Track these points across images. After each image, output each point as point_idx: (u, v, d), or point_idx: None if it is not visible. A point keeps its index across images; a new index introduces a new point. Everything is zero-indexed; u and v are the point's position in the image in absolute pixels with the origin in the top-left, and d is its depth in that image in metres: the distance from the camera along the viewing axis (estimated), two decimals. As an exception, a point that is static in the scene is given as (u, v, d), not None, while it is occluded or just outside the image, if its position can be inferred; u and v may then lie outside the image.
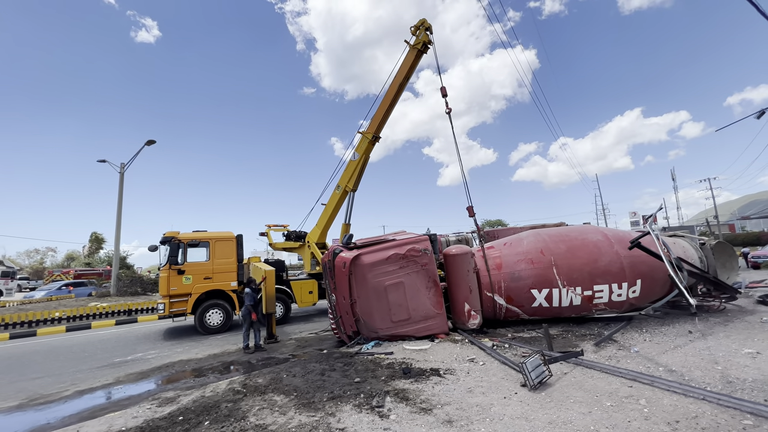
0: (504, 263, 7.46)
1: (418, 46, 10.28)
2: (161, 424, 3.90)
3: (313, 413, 3.92)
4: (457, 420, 3.53)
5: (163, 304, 9.48)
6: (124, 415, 4.31)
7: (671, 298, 6.91)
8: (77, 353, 8.50)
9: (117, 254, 18.04)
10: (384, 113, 11.22)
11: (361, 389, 4.52)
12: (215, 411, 4.15)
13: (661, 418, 3.28)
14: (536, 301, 7.20)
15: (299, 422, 3.71)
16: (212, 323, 9.97)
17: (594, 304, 7.15)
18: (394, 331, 6.76)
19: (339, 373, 5.29)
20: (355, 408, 3.99)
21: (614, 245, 7.31)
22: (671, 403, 3.57)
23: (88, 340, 10.09)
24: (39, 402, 5.43)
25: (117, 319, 12.37)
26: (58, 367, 7.30)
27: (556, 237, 7.58)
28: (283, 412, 4.02)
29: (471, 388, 4.36)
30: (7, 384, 6.37)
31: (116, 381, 6.28)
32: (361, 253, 6.70)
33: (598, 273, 7.07)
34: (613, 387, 4.09)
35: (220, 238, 10.56)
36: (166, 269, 9.65)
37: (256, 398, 4.52)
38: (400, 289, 6.72)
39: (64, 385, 6.17)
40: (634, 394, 3.83)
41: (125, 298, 17.03)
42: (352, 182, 12.02)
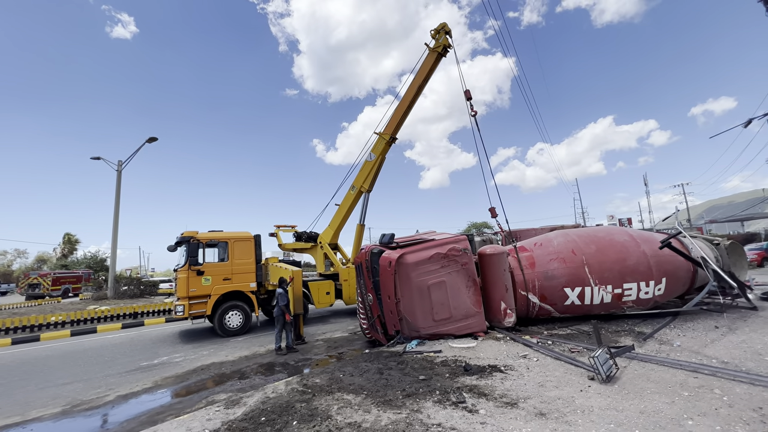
0: (537, 262, 7.66)
1: (438, 49, 10.43)
2: (244, 425, 3.83)
3: (397, 410, 3.93)
4: (549, 413, 3.63)
5: (182, 305, 9.21)
6: (194, 418, 4.19)
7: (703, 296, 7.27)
8: (95, 358, 8.16)
9: (114, 256, 17.26)
10: (402, 115, 11.30)
11: (432, 386, 4.57)
12: (293, 411, 4.10)
13: (744, 405, 3.48)
14: (569, 299, 7.43)
15: (389, 419, 3.72)
16: (232, 325, 9.77)
17: (623, 302, 7.45)
18: (436, 329, 6.83)
19: (397, 371, 5.31)
20: (437, 404, 4.03)
21: (641, 245, 7.64)
22: (744, 391, 3.79)
23: (101, 344, 9.67)
24: (84, 408, 5.21)
25: (123, 323, 11.90)
26: (83, 372, 7.00)
27: (586, 237, 7.85)
28: (366, 410, 4.01)
29: (541, 383, 4.47)
30: (37, 390, 6.06)
31: (156, 385, 6.09)
32: (405, 253, 6.74)
33: (627, 272, 7.37)
34: (678, 378, 4.30)
35: (239, 238, 10.36)
36: (185, 270, 9.39)
37: (327, 398, 4.48)
38: (443, 288, 6.80)
39: (100, 390, 5.93)
40: (705, 384, 4.04)
41: (124, 300, 16.35)
42: (368, 183, 12.04)
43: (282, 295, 7.84)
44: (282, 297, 7.82)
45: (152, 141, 16.75)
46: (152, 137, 16.64)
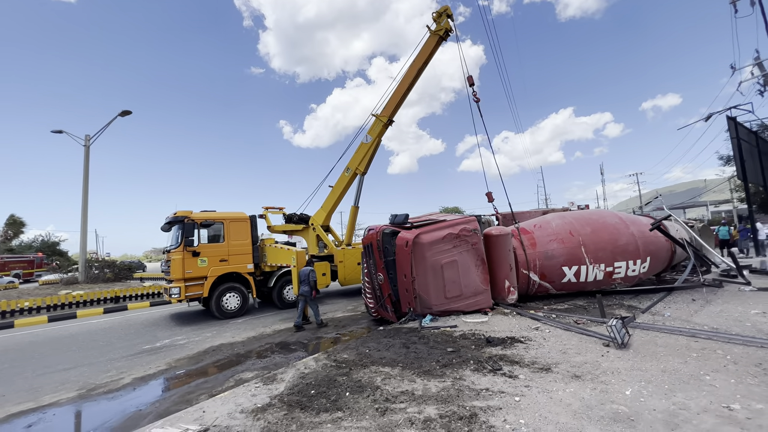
0: (538, 243, 8.10)
1: (440, 32, 10.40)
2: (296, 398, 3.86)
3: (441, 379, 4.14)
4: (582, 375, 3.98)
5: (178, 287, 8.88)
6: (236, 395, 4.16)
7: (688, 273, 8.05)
8: (88, 342, 7.74)
9: (84, 238, 15.97)
10: (401, 97, 11.26)
11: (463, 357, 4.82)
12: (338, 384, 4.19)
13: (746, 362, 4.00)
14: (566, 277, 7.96)
15: (438, 387, 3.92)
16: (229, 307, 9.57)
17: (613, 279, 8.09)
18: (447, 306, 7.10)
19: (422, 345, 5.52)
20: (476, 372, 4.28)
21: (629, 226, 8.28)
22: (741, 351, 4.34)
23: (87, 329, 9.16)
24: (102, 391, 5.01)
25: (105, 307, 11.25)
26: (81, 358, 6.65)
27: (581, 219, 8.37)
28: (410, 380, 4.19)
29: (563, 351, 4.85)
30: (37, 376, 5.72)
31: (171, 366, 5.94)
32: (420, 233, 6.89)
33: (618, 251, 7.99)
34: (681, 342, 4.83)
35: (235, 218, 10.05)
36: (180, 251, 9.02)
37: (365, 371, 4.60)
38: (454, 266, 7.05)
39: (111, 374, 5.70)
40: (706, 347, 4.57)
41: (99, 285, 15.34)
42: (363, 165, 11.97)
43: (313, 272, 8.02)
44: (313, 273, 7.98)
45: (125, 114, 15.44)
46: (125, 110, 15.32)
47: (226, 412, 3.66)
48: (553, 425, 2.99)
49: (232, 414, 3.59)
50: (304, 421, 3.31)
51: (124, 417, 4.18)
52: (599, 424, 2.96)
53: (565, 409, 3.26)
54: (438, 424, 3.09)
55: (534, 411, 3.25)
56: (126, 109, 15.24)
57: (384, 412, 3.38)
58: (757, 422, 2.84)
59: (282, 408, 3.63)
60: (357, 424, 3.19)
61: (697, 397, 3.32)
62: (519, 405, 3.38)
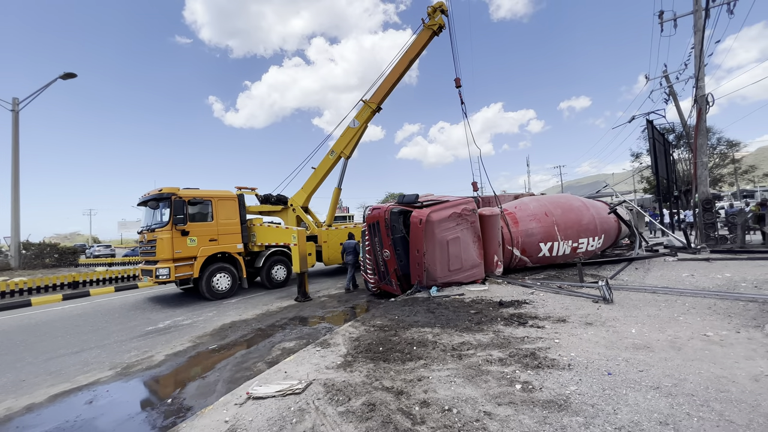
0: (520, 223, 9.22)
1: (433, 27, 10.85)
2: (370, 355, 4.26)
3: (483, 333, 4.85)
4: (593, 323, 4.97)
5: (166, 268, 8.44)
6: (303, 359, 4.41)
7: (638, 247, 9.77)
8: (74, 329, 7.12)
9: (16, 217, 13.52)
10: (390, 86, 11.58)
11: (488, 316, 5.59)
12: (396, 342, 4.66)
13: (701, 306, 5.32)
14: (542, 252, 9.22)
15: (486, 338, 4.61)
16: (220, 288, 9.33)
17: (576, 253, 9.55)
18: (449, 278, 7.87)
19: (445, 309, 6.19)
20: (508, 326, 5.07)
21: (590, 209, 9.79)
22: (694, 300, 5.71)
23: (58, 316, 8.29)
24: (141, 368, 4.89)
25: (64, 294, 10.07)
26: (81, 342, 6.20)
27: (554, 202, 9.68)
28: (459, 335, 4.81)
29: (565, 307, 5.87)
30: (45, 362, 5.29)
31: (197, 343, 5.87)
32: (431, 211, 7.49)
33: (582, 229, 9.45)
34: (648, 297, 6.13)
35: (223, 196, 9.70)
36: (168, 230, 8.54)
37: (409, 331, 5.13)
38: (457, 242, 7.81)
39: (135, 353, 5.49)
40: (668, 299, 5.90)
41: (41, 271, 13.33)
42: (349, 149, 12.17)
43: (358, 244, 9.36)
44: (358, 245, 9.27)
45: (69, 77, 13.24)
46: (69, 73, 13.13)
47: (310, 370, 3.95)
48: (596, 354, 3.85)
49: (320, 370, 3.91)
50: (397, 368, 3.78)
51: (195, 386, 4.23)
52: (628, 351, 3.89)
53: (596, 344, 4.16)
54: (512, 361, 3.78)
55: (574, 347, 4.10)
56: (70, 72, 13.15)
57: (460, 357, 3.98)
58: (728, 341, 3.98)
59: (365, 361, 4.04)
60: (445, 367, 3.75)
61: (681, 330, 4.45)
62: (560, 345, 4.21)
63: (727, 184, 38.02)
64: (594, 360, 3.68)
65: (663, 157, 19.15)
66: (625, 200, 9.85)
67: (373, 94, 11.77)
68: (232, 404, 3.27)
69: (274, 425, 2.79)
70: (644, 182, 33.02)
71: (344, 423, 2.73)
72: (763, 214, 11.34)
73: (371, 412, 2.84)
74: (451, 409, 2.83)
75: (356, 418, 2.78)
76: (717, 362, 3.45)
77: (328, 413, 2.90)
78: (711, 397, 2.80)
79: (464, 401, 2.96)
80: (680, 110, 23.37)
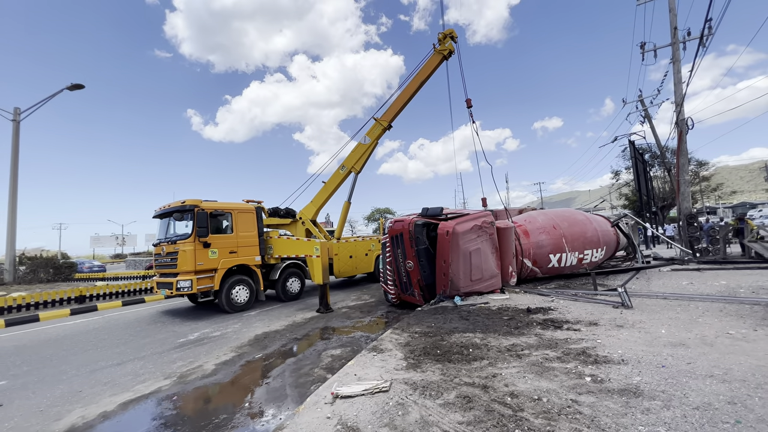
0: (531, 235, 9.74)
1: (444, 52, 11.52)
2: (431, 358, 4.53)
3: (526, 336, 5.19)
4: (623, 325, 5.41)
5: (188, 280, 8.41)
6: (365, 362, 4.60)
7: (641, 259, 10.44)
8: (100, 342, 6.99)
9: (13, 230, 12.85)
10: (401, 106, 12.09)
11: (523, 321, 5.95)
12: (448, 346, 4.93)
13: (713, 309, 5.87)
14: (551, 263, 9.74)
15: (532, 340, 4.95)
16: (239, 300, 9.33)
17: (582, 264, 10.15)
18: (471, 288, 8.22)
19: (476, 317, 6.51)
20: (546, 330, 5.43)
21: (592, 222, 10.46)
22: (704, 305, 6.27)
23: (76, 330, 8.06)
24: (197, 376, 4.93)
25: (72, 308, 9.72)
26: (116, 355, 6.12)
27: (560, 216, 10.29)
28: (505, 338, 5.14)
29: (590, 313, 6.31)
30: (91, 373, 5.24)
31: (241, 353, 5.93)
32: (456, 223, 7.88)
33: (587, 242, 10.07)
34: (661, 303, 6.67)
35: (242, 209, 9.80)
36: (192, 242, 8.55)
37: (455, 336, 5.41)
38: (478, 253, 8.21)
39: (181, 363, 5.51)
40: (682, 304, 6.45)
41: (39, 286, 12.67)
42: (360, 164, 12.50)
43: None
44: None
45: (76, 89, 12.98)
46: (76, 84, 12.88)
47: (381, 372, 4.16)
48: (640, 351, 4.25)
49: (390, 372, 4.12)
50: (466, 368, 4.05)
51: (263, 391, 4.34)
52: (667, 348, 4.31)
53: (635, 343, 4.57)
54: (569, 358, 4.13)
55: (617, 346, 4.49)
56: (77, 83, 12.93)
57: (519, 357, 4.30)
58: (750, 338, 4.48)
59: (431, 362, 4.29)
60: (510, 365, 4.05)
61: (705, 330, 4.94)
62: (603, 344, 4.60)
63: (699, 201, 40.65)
64: (641, 356, 4.08)
65: (643, 175, 20.52)
66: (627, 214, 10.58)
67: (385, 112, 12.25)
68: (322, 403, 3.45)
69: (382, 417, 3.00)
70: (622, 198, 34.89)
71: (449, 413, 2.98)
72: (742, 228, 12.38)
73: (469, 403, 3.11)
74: (540, 399, 3.13)
75: (459, 408, 3.04)
76: (750, 354, 3.91)
77: (428, 405, 3.14)
78: (760, 381, 3.23)
79: (546, 392, 3.27)
80: (655, 131, 25.15)
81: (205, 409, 3.99)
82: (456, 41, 11.57)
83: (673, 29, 14.28)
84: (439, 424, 2.83)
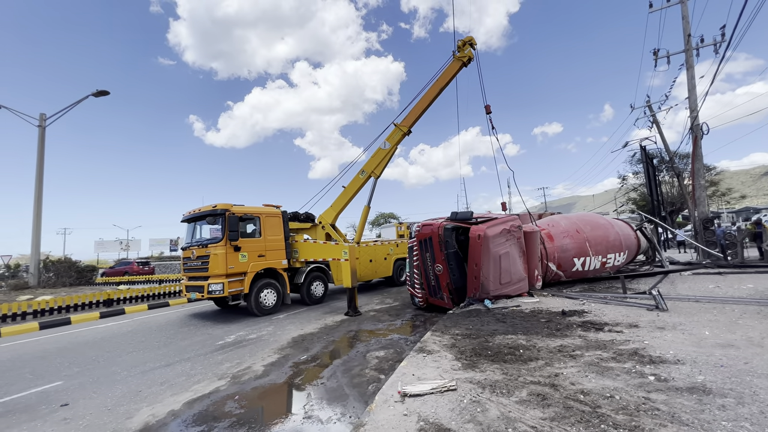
0: (555, 239, 9.85)
1: (463, 59, 11.70)
2: (484, 359, 4.62)
3: (571, 338, 5.27)
4: (664, 327, 5.49)
5: (220, 283, 8.52)
6: (418, 363, 4.69)
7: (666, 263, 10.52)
8: (139, 344, 7.08)
9: (38, 234, 12.97)
10: (421, 111, 12.25)
11: (561, 324, 6.03)
12: (495, 347, 5.01)
13: (751, 312, 5.95)
14: (575, 266, 9.83)
15: (579, 342, 5.04)
16: (267, 303, 9.43)
17: (605, 267, 10.24)
18: (500, 291, 8.31)
19: (513, 319, 6.59)
20: (588, 332, 5.51)
21: (614, 226, 10.56)
22: (739, 307, 6.35)
23: (110, 333, 8.15)
24: (252, 377, 5.01)
25: (101, 311, 9.82)
26: (159, 357, 6.21)
27: (582, 220, 10.40)
28: (550, 340, 5.22)
29: (626, 315, 6.38)
30: (142, 374, 5.32)
31: (285, 355, 6.01)
32: (487, 227, 7.99)
33: (610, 245, 10.16)
34: (695, 306, 6.74)
35: (269, 213, 9.94)
36: (223, 245, 8.67)
37: (498, 338, 5.49)
38: (507, 257, 8.30)
39: (229, 365, 5.59)
40: (716, 306, 6.52)
41: (64, 290, 12.78)
42: (380, 169, 12.64)
43: None
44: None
45: (101, 95, 13.18)
46: (102, 90, 13.06)
47: (439, 372, 4.25)
48: (691, 352, 4.33)
49: (447, 372, 4.21)
50: (526, 367, 4.13)
51: (321, 391, 4.42)
52: (717, 349, 4.39)
53: (683, 344, 4.65)
54: (623, 358, 4.21)
55: (667, 347, 4.57)
56: (103, 89, 13.11)
57: (573, 357, 4.38)
58: (797, 339, 4.58)
59: (486, 363, 4.38)
60: (567, 365, 4.14)
61: (749, 331, 5.02)
62: (652, 345, 4.68)
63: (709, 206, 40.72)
64: (695, 356, 4.16)
65: (653, 180, 20.65)
66: (653, 219, 10.70)
67: (405, 118, 12.40)
68: (392, 401, 3.54)
69: (462, 414, 3.10)
70: (629, 203, 34.99)
71: (528, 409, 3.08)
72: (760, 232, 12.47)
73: (545, 401, 3.20)
74: (613, 396, 3.22)
75: (536, 405, 3.13)
76: (803, 354, 4.00)
77: (503, 403, 3.24)
78: (825, 379, 3.31)
79: (615, 390, 3.36)
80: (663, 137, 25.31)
81: (271, 407, 4.08)
82: (475, 48, 11.76)
83: (687, 36, 14.49)
84: (522, 420, 2.92)
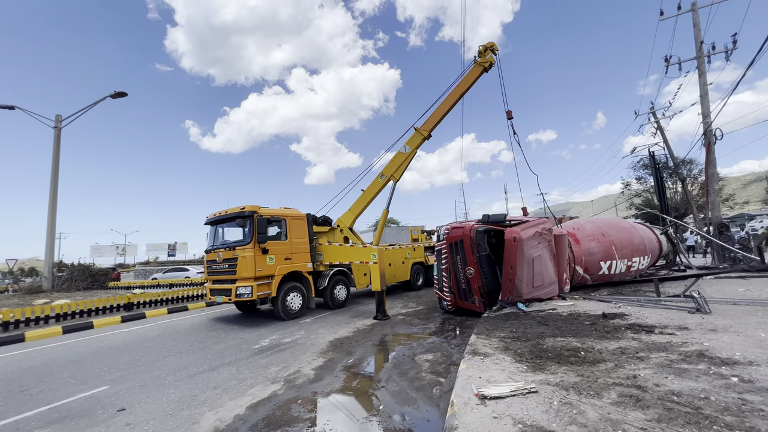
0: (581, 242, 9.84)
1: (485, 64, 11.80)
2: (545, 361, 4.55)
3: (626, 341, 5.20)
4: (715, 329, 5.45)
5: (249, 286, 8.39)
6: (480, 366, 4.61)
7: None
8: (172, 348, 6.93)
9: (52, 238, 12.69)
10: (441, 116, 12.29)
11: (608, 326, 5.97)
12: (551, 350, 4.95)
13: (796, 314, 5.97)
14: (601, 270, 9.82)
15: (636, 344, 4.98)
16: (293, 307, 9.30)
17: (630, 271, 10.24)
18: (532, 294, 8.26)
19: (555, 322, 6.53)
20: (638, 334, 5.46)
21: (638, 230, 10.59)
22: (780, 310, 6.37)
23: (136, 337, 7.99)
24: (304, 381, 4.91)
25: (122, 315, 9.62)
26: (198, 361, 6.08)
27: (607, 223, 10.42)
28: (607, 342, 5.18)
29: (670, 318, 6.34)
30: (189, 378, 5.17)
31: (331, 359, 5.89)
32: (521, 230, 7.96)
33: (634, 249, 10.18)
34: (735, 308, 6.72)
35: (295, 216, 9.85)
36: (251, 248, 8.55)
37: (547, 340, 5.43)
38: (540, 260, 8.27)
39: (276, 368, 5.49)
40: (758, 309, 6.49)
41: (78, 293, 12.49)
42: (399, 173, 12.63)
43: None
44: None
45: (119, 96, 13.01)
46: (120, 92, 12.91)
47: (506, 375, 4.18)
48: (758, 353, 4.29)
49: (516, 374, 4.14)
50: (599, 369, 4.07)
51: (385, 394, 4.33)
52: (783, 351, 4.37)
53: (743, 345, 4.61)
54: (693, 360, 4.16)
55: (730, 348, 4.53)
56: (120, 91, 12.97)
57: (640, 359, 4.33)
58: None
59: (553, 365, 4.31)
60: (638, 367, 4.08)
61: (805, 333, 5.01)
62: (714, 347, 4.64)
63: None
64: (765, 357, 4.13)
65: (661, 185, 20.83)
66: (681, 223, 10.76)
67: (425, 122, 12.43)
68: (473, 404, 3.46)
69: (558, 416, 3.02)
70: (632, 208, 35.27)
71: (627, 411, 3.01)
72: (776, 237, 12.59)
73: (639, 402, 3.14)
74: (708, 398, 3.17)
75: (633, 407, 3.06)
76: None
77: (597, 405, 3.17)
78: None
79: (705, 391, 3.31)
80: (668, 143, 25.62)
81: (340, 411, 3.98)
82: (496, 53, 11.85)
83: (699, 43, 14.72)
84: (626, 421, 2.85)
